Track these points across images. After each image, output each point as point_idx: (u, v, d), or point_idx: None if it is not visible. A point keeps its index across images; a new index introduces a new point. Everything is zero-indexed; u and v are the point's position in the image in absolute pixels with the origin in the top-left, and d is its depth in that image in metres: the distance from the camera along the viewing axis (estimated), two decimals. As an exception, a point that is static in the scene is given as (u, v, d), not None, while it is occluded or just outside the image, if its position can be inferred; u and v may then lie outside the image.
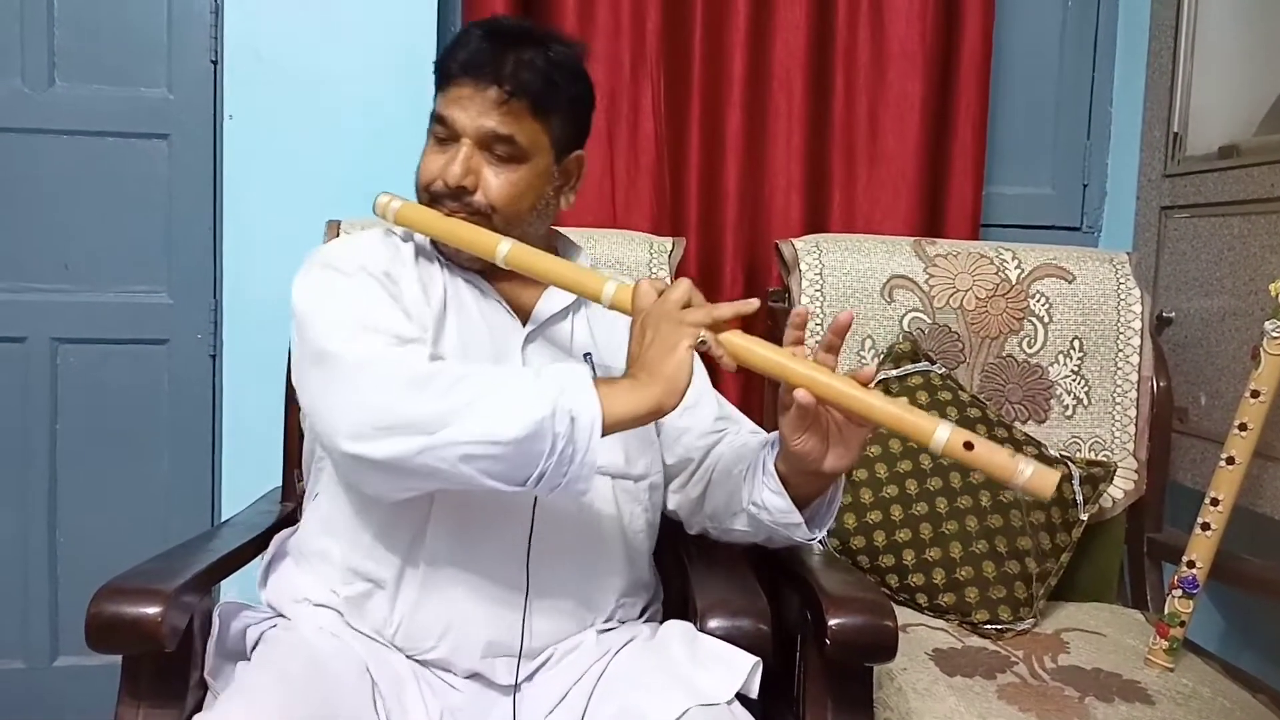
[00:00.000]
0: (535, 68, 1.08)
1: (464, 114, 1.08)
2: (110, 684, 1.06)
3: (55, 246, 1.86)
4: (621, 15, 1.79)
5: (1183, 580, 1.38)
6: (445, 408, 0.92)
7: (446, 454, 0.91)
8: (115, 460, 1.90)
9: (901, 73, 1.84)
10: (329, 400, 0.98)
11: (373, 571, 1.07)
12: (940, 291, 1.64)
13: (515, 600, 1.07)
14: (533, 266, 1.08)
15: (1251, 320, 1.56)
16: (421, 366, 0.96)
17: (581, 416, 0.91)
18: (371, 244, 1.14)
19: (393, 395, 0.94)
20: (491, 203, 1.09)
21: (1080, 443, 1.64)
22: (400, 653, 1.08)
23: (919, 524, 1.47)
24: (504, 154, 1.09)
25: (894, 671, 1.28)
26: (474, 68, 1.08)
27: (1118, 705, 1.24)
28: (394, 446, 0.92)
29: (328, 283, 1.07)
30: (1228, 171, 1.67)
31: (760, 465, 1.09)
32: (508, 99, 1.07)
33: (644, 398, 0.95)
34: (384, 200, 1.13)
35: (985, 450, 0.90)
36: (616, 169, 1.82)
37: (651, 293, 1.01)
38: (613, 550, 1.14)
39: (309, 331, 1.02)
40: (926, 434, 0.91)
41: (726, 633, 1.05)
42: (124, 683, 1.05)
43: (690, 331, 0.96)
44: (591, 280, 1.07)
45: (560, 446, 0.90)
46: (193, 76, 1.86)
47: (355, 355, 0.97)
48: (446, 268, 1.16)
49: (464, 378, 0.94)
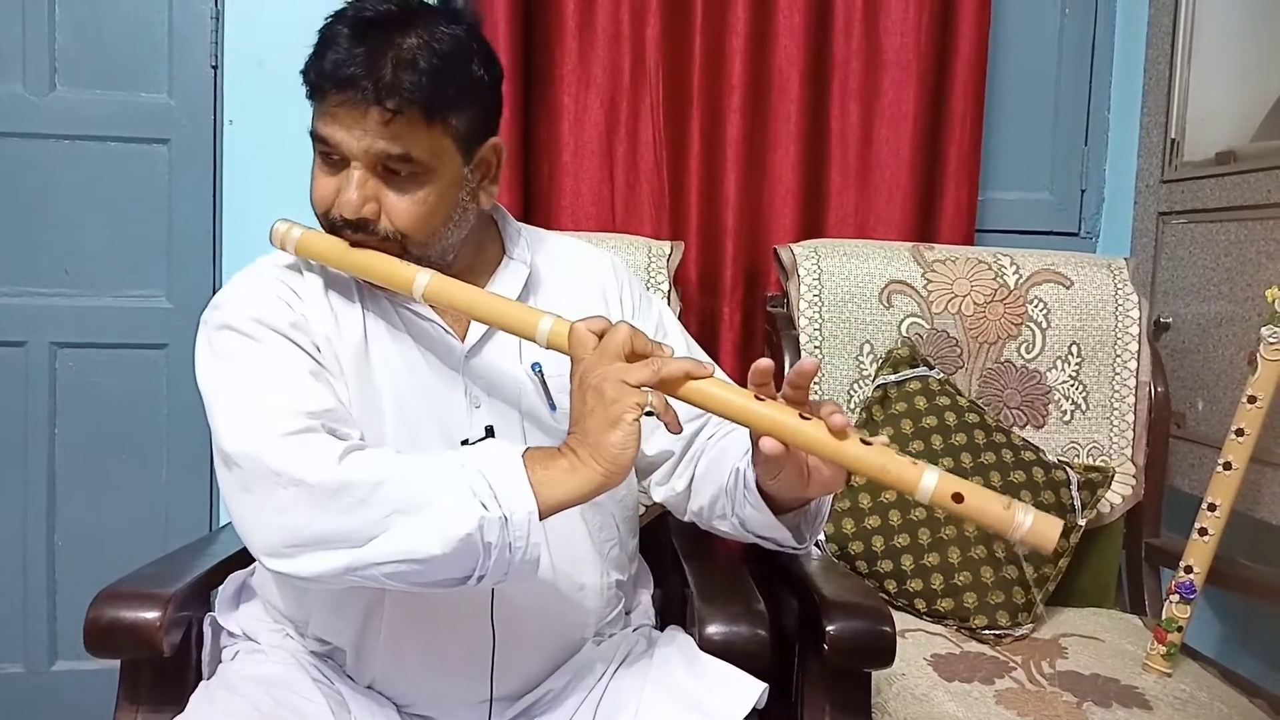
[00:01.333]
0: (418, 66, 0.93)
1: (347, 135, 0.95)
2: (109, 688, 1.06)
3: (55, 251, 1.86)
4: (621, 22, 1.79)
5: (1180, 585, 1.38)
6: (363, 523, 0.85)
7: (371, 572, 0.86)
8: (114, 465, 1.90)
9: (898, 79, 1.84)
10: (241, 510, 0.91)
11: (332, 638, 1.04)
12: (938, 297, 1.65)
13: (484, 651, 1.02)
14: (455, 301, 0.97)
15: (1248, 326, 1.57)
16: (330, 474, 0.86)
17: (516, 514, 0.84)
18: (268, 286, 1.01)
19: (303, 513, 0.86)
20: (399, 229, 0.97)
21: (1078, 448, 1.64)
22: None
23: (917, 529, 1.47)
24: (403, 173, 0.96)
25: (892, 677, 1.28)
26: (345, 81, 0.93)
27: (1115, 710, 1.24)
28: (315, 564, 0.87)
29: (225, 354, 0.97)
30: (1225, 177, 1.67)
31: (741, 483, 1.02)
32: (393, 116, 0.93)
33: (584, 480, 0.86)
34: (282, 228, 1.02)
35: (977, 500, 0.81)
36: (616, 174, 1.83)
37: (589, 339, 0.89)
38: (586, 572, 1.08)
39: (213, 424, 0.93)
40: (911, 483, 0.82)
41: (725, 638, 1.05)
42: (122, 687, 1.05)
43: (634, 401, 0.85)
44: (523, 317, 0.95)
45: (496, 552, 0.85)
46: (193, 81, 1.86)
47: (260, 461, 0.88)
48: (367, 293, 1.04)
49: (380, 485, 0.86)
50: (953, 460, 1.50)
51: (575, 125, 1.80)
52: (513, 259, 1.11)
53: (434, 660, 1.02)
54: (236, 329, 0.97)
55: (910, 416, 1.54)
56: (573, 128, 1.80)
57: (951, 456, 1.50)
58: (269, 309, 0.99)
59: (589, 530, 1.08)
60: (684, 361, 0.88)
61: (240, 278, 1.05)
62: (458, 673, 1.03)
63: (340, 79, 0.93)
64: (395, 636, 1.01)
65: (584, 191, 1.82)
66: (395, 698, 1.04)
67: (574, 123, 1.80)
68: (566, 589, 1.06)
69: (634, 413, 0.85)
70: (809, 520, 1.04)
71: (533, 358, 1.07)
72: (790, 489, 0.94)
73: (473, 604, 1.00)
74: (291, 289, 1.02)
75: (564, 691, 1.06)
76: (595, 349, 0.88)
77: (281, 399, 0.92)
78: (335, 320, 1.02)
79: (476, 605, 1.00)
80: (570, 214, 1.81)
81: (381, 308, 1.05)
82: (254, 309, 0.98)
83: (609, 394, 0.86)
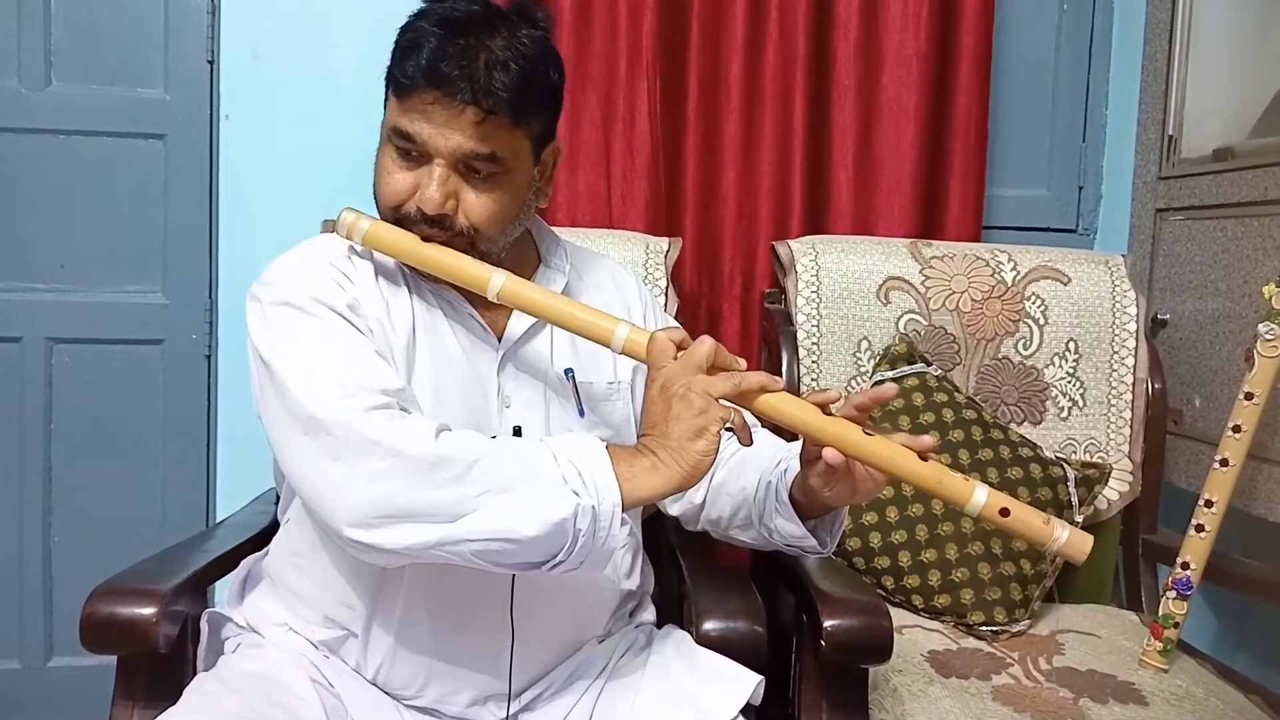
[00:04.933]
0: (510, 69, 0.95)
1: (436, 133, 0.95)
2: (105, 684, 1.06)
3: (51, 246, 1.85)
4: (618, 17, 1.79)
5: (1177, 582, 1.38)
6: (458, 497, 0.86)
7: (461, 549, 0.87)
8: (110, 460, 1.89)
9: (899, 76, 1.84)
10: (325, 478, 0.89)
11: (344, 619, 1.03)
12: (936, 293, 1.64)
13: (501, 645, 1.02)
14: (530, 304, 0.99)
15: (1245, 323, 1.57)
16: (429, 447, 0.87)
17: (603, 505, 0.87)
18: (322, 268, 1.01)
19: (400, 482, 0.86)
20: (474, 225, 0.99)
21: (1075, 444, 1.64)
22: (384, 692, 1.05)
23: (914, 525, 1.47)
24: (484, 172, 0.98)
25: (889, 673, 1.28)
26: (442, 79, 0.93)
27: (1112, 706, 1.24)
28: (403, 537, 0.86)
29: (292, 326, 0.96)
30: (1222, 174, 1.67)
31: (773, 494, 1.04)
32: (486, 117, 0.94)
33: (665, 480, 0.90)
34: (350, 218, 1.01)
35: (1022, 514, 0.89)
36: (613, 170, 1.82)
37: (670, 348, 0.93)
38: (602, 576, 1.07)
39: (291, 393, 0.91)
40: (964, 497, 0.89)
41: (722, 634, 1.05)
42: (119, 683, 1.05)
43: (720, 414, 0.90)
44: (599, 322, 0.97)
45: (582, 540, 0.87)
46: (189, 76, 1.85)
47: (352, 429, 0.88)
48: (413, 283, 1.05)
49: (477, 461, 0.87)
50: (950, 457, 1.50)
51: (572, 122, 1.79)
52: (550, 267, 1.13)
53: (448, 648, 1.02)
54: (296, 306, 0.97)
55: (908, 413, 1.54)
56: (569, 124, 1.80)
57: (949, 453, 1.50)
58: (325, 289, 0.98)
59: None
60: (760, 375, 0.92)
61: (290, 257, 1.04)
62: (472, 663, 1.03)
63: (438, 78, 0.94)
64: (412, 613, 1.01)
65: (581, 188, 1.81)
66: (402, 687, 1.04)
67: (571, 119, 1.79)
68: (585, 590, 1.07)
69: (719, 424, 0.90)
70: (827, 526, 1.06)
71: (564, 363, 1.09)
72: (840, 498, 0.97)
73: (491, 597, 1.01)
74: (344, 273, 1.02)
75: (563, 686, 1.06)
76: (679, 358, 0.92)
77: (358, 374, 0.92)
78: (387, 308, 1.02)
79: (495, 599, 1.01)
80: (567, 211, 1.80)
81: (427, 301, 1.05)
82: (312, 288, 0.98)
83: (697, 404, 0.90)
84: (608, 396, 1.11)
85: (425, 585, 1.00)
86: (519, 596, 1.01)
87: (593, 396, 1.10)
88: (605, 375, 1.12)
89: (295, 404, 0.91)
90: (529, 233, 1.15)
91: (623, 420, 1.12)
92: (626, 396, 1.13)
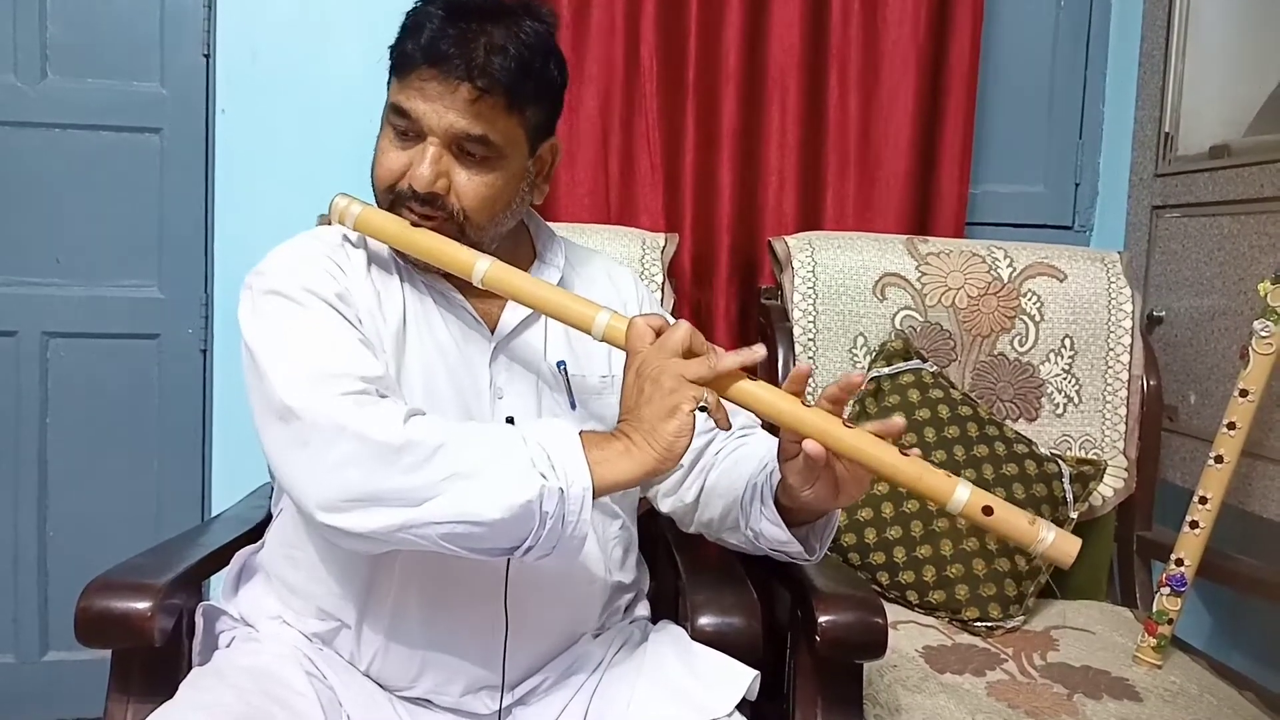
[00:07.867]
0: (508, 54, 0.97)
1: (430, 109, 0.97)
2: (100, 679, 1.06)
3: (47, 240, 1.85)
4: (616, 12, 1.79)
5: (1171, 578, 1.38)
6: (421, 482, 0.86)
7: (426, 532, 0.86)
8: (106, 454, 1.89)
9: (893, 72, 1.84)
10: (296, 464, 0.91)
11: (337, 610, 1.03)
12: (932, 290, 1.65)
13: (495, 635, 1.02)
14: (514, 290, 1.00)
15: (1241, 320, 1.57)
16: (395, 432, 0.87)
17: (572, 488, 0.86)
18: (315, 258, 1.02)
19: (365, 467, 0.87)
20: (464, 208, 1.00)
21: (1071, 441, 1.64)
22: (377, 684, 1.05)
23: (909, 521, 1.47)
24: (477, 155, 0.99)
25: (884, 669, 1.28)
26: (440, 57, 0.96)
27: (1106, 702, 1.24)
28: (369, 520, 0.87)
29: (278, 315, 0.97)
30: (1218, 171, 1.68)
31: (759, 498, 1.04)
32: (480, 96, 0.96)
33: (638, 463, 0.89)
34: (341, 203, 1.03)
35: (1005, 515, 0.86)
36: (611, 165, 1.82)
37: (648, 333, 0.93)
38: (594, 568, 1.08)
39: (267, 380, 0.93)
40: (945, 495, 0.86)
41: (718, 629, 1.05)
42: (113, 678, 1.05)
43: (692, 393, 0.89)
44: (581, 309, 0.98)
45: (550, 523, 0.86)
46: (185, 71, 1.85)
47: (321, 416, 0.89)
48: (405, 273, 1.06)
49: (441, 446, 0.87)
50: (945, 453, 1.50)
51: (570, 117, 1.79)
52: (545, 262, 1.14)
53: (441, 639, 1.02)
54: (285, 295, 0.98)
55: (903, 409, 1.54)
56: (567, 120, 1.79)
57: (944, 449, 1.50)
58: (316, 279, 0.99)
59: (604, 531, 1.10)
60: (735, 355, 0.91)
61: (285, 248, 1.05)
62: (466, 654, 1.03)
63: (435, 55, 0.96)
64: (405, 605, 1.01)
65: (579, 184, 1.81)
66: (395, 679, 1.04)
67: (569, 115, 1.79)
68: (578, 583, 1.07)
69: (690, 404, 0.89)
70: (818, 532, 1.05)
71: (557, 356, 1.09)
72: (820, 500, 0.96)
73: (485, 588, 1.01)
74: (336, 263, 1.03)
75: (559, 681, 1.06)
76: (654, 343, 0.92)
77: (337, 361, 0.93)
78: (378, 298, 1.03)
79: (489, 589, 1.01)
80: (565, 206, 1.80)
81: (419, 291, 1.06)
82: (302, 278, 0.99)
83: (667, 385, 0.89)
84: (600, 390, 1.11)
85: (418, 576, 1.00)
86: (513, 586, 1.01)
87: (585, 390, 1.10)
88: (598, 369, 1.12)
89: (270, 391, 0.92)
90: (526, 228, 1.15)
91: (615, 414, 1.12)
92: (619, 391, 1.13)
